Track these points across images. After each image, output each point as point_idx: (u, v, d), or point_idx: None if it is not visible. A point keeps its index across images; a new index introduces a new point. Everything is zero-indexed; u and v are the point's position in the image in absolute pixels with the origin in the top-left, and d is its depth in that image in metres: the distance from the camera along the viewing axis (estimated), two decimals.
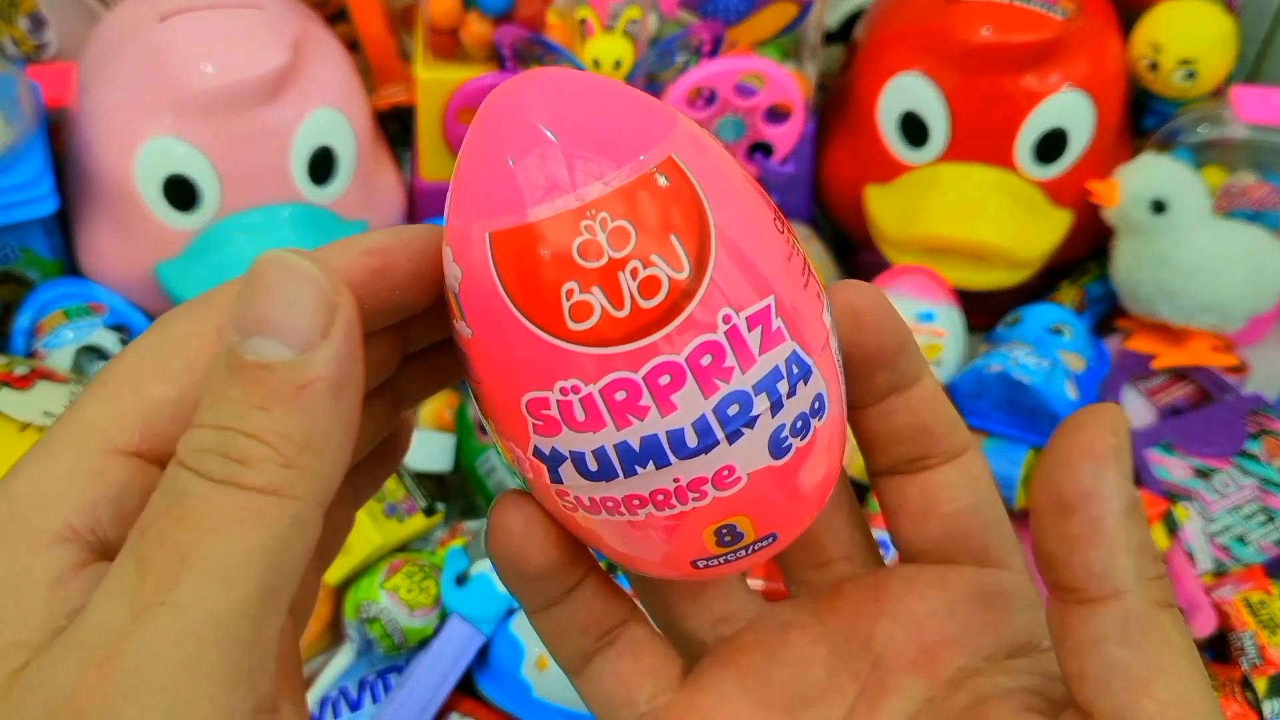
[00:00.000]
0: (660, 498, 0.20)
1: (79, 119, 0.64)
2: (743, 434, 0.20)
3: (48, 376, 0.57)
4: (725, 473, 0.20)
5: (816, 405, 0.21)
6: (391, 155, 0.73)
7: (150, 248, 0.64)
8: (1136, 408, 0.68)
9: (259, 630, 0.17)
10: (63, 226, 0.68)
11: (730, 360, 0.20)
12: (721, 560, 0.22)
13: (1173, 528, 0.59)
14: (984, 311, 0.71)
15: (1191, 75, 0.68)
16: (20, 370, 0.57)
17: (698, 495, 0.20)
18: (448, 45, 0.70)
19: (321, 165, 0.65)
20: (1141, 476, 0.63)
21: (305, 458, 0.17)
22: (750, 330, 0.20)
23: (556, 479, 0.21)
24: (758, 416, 0.20)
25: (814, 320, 0.21)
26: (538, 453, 0.21)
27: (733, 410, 0.20)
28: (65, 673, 0.16)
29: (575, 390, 0.19)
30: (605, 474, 0.20)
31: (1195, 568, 0.59)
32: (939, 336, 0.68)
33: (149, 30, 0.62)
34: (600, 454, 0.20)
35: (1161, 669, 0.20)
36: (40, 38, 0.73)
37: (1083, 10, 0.66)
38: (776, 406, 0.20)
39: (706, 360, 0.19)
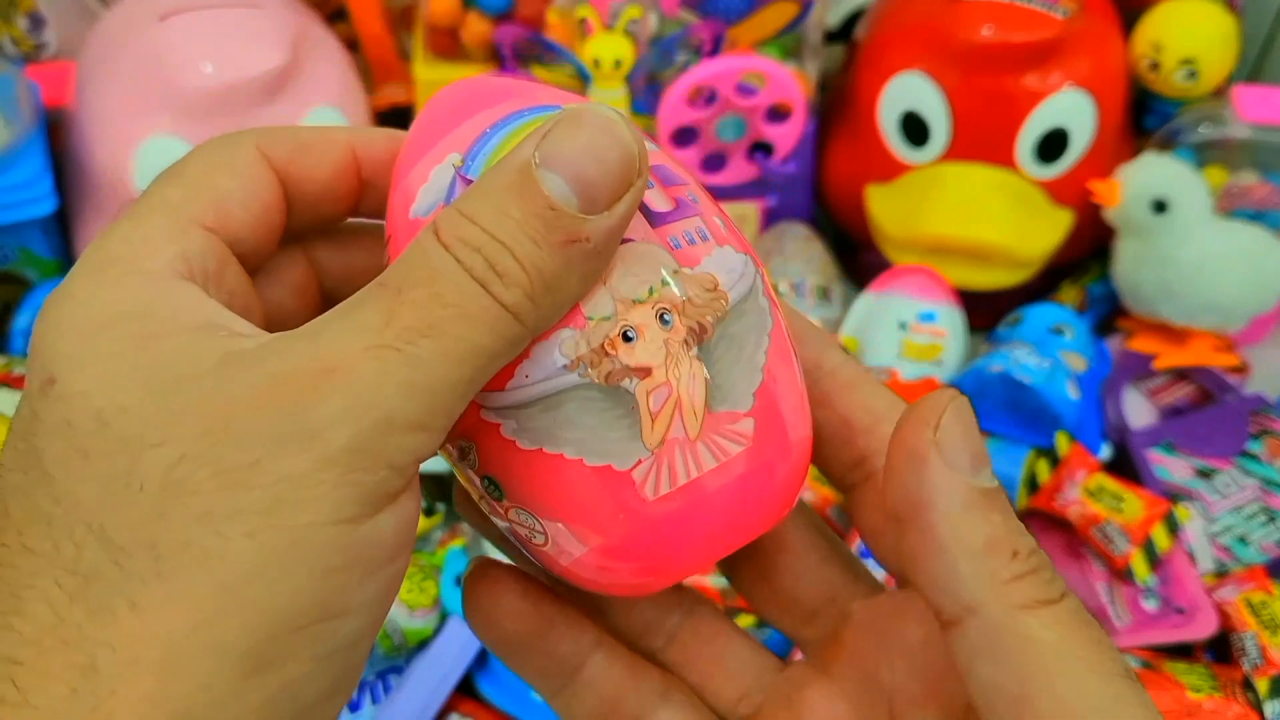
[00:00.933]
0: None
1: (78, 118, 0.64)
2: None
3: None
4: None
5: None
6: None
7: None
8: (1138, 408, 0.67)
9: (452, 414, 0.19)
10: (61, 226, 0.67)
11: None
12: None
13: (1174, 528, 0.59)
14: (985, 311, 0.71)
15: (1193, 75, 0.68)
16: (19, 371, 0.57)
17: None
18: (447, 44, 0.70)
19: None
20: (1143, 477, 0.63)
21: (545, 297, 0.19)
22: None
23: None
24: None
25: None
26: None
27: None
28: (288, 365, 0.18)
29: None
30: None
31: (1197, 568, 0.59)
32: (940, 336, 0.68)
33: (148, 30, 0.62)
34: None
35: (1036, 682, 0.18)
36: (39, 37, 0.73)
37: (1084, 10, 0.66)
38: None
39: None
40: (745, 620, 0.52)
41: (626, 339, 0.20)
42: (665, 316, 0.20)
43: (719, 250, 0.21)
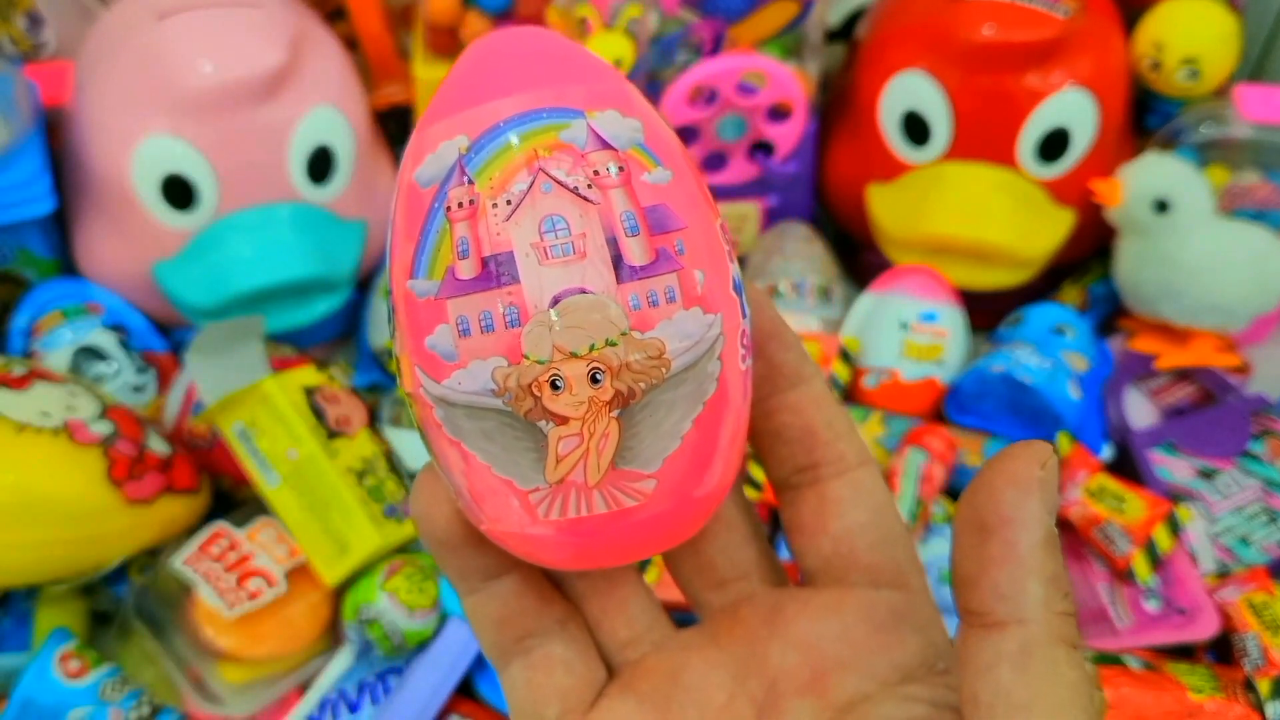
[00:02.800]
0: None
1: (76, 118, 0.64)
2: None
3: (45, 377, 0.57)
4: None
5: None
6: (390, 154, 0.73)
7: (148, 247, 0.64)
8: (1140, 408, 0.67)
9: None
10: (60, 226, 0.67)
11: None
12: None
13: (1176, 529, 0.59)
14: (987, 311, 0.71)
15: (1194, 74, 0.68)
16: (18, 370, 0.56)
17: None
18: (447, 43, 0.70)
19: (320, 164, 0.65)
20: (1144, 477, 0.63)
21: None
22: None
23: None
24: None
25: None
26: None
27: None
28: None
29: None
30: None
31: (1198, 569, 0.59)
32: (941, 337, 0.67)
33: (147, 29, 0.62)
34: None
35: (1044, 700, 0.20)
36: (38, 36, 0.73)
37: (1085, 9, 0.66)
38: None
39: None
40: None
41: (554, 387, 0.20)
42: (597, 375, 0.20)
43: (682, 314, 0.21)
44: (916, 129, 0.68)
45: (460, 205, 0.21)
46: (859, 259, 0.76)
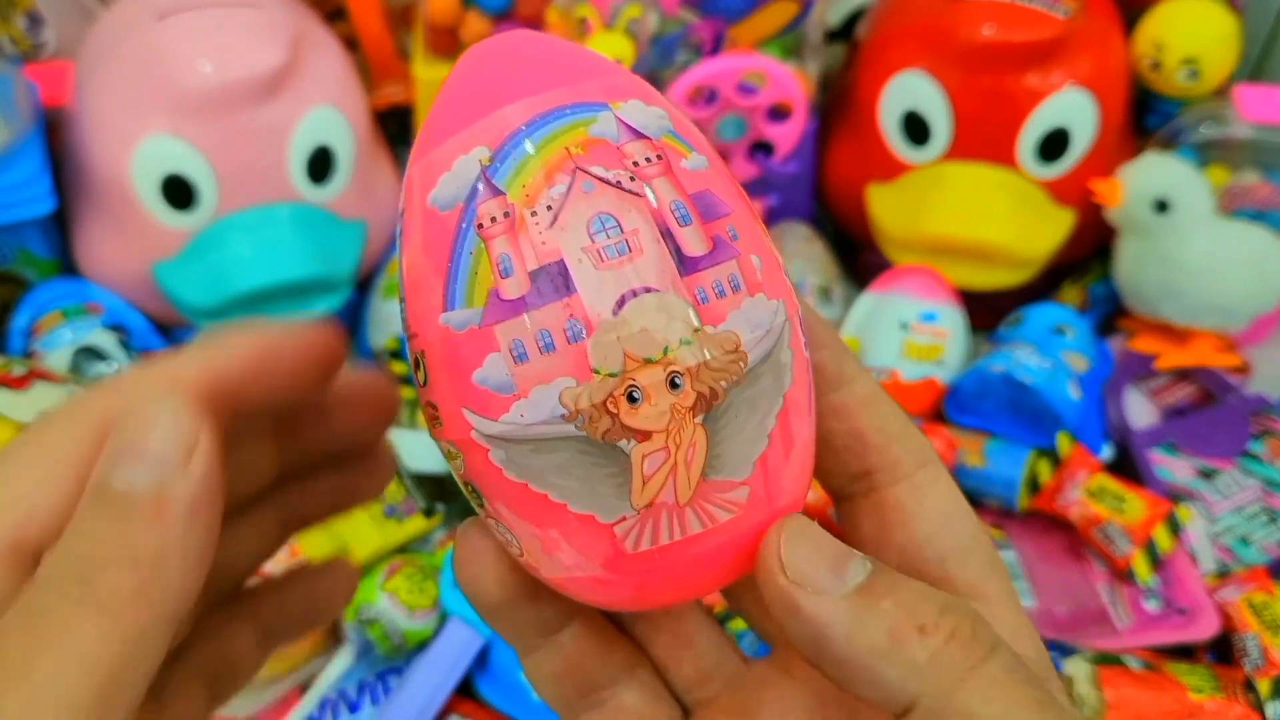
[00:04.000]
0: None
1: (76, 118, 0.64)
2: None
3: (45, 377, 0.57)
4: None
5: None
6: (390, 154, 0.73)
7: (148, 247, 0.64)
8: (1140, 408, 0.67)
9: None
10: (60, 226, 0.67)
11: None
12: None
13: (1176, 529, 0.59)
14: (987, 311, 0.71)
15: (1194, 74, 0.68)
16: (17, 371, 0.56)
17: None
18: (447, 43, 0.70)
19: (320, 164, 0.65)
20: (1144, 477, 0.63)
21: (156, 576, 0.18)
22: None
23: None
24: None
25: None
26: None
27: None
28: None
29: None
30: None
31: (1198, 569, 0.59)
32: (941, 337, 0.67)
33: (146, 29, 0.62)
34: None
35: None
36: (38, 36, 0.73)
37: (1085, 9, 0.66)
38: None
39: None
40: None
41: (631, 400, 0.19)
42: (676, 380, 0.19)
43: (749, 302, 0.19)
44: (916, 129, 0.68)
45: (494, 220, 0.19)
46: (859, 259, 0.76)
